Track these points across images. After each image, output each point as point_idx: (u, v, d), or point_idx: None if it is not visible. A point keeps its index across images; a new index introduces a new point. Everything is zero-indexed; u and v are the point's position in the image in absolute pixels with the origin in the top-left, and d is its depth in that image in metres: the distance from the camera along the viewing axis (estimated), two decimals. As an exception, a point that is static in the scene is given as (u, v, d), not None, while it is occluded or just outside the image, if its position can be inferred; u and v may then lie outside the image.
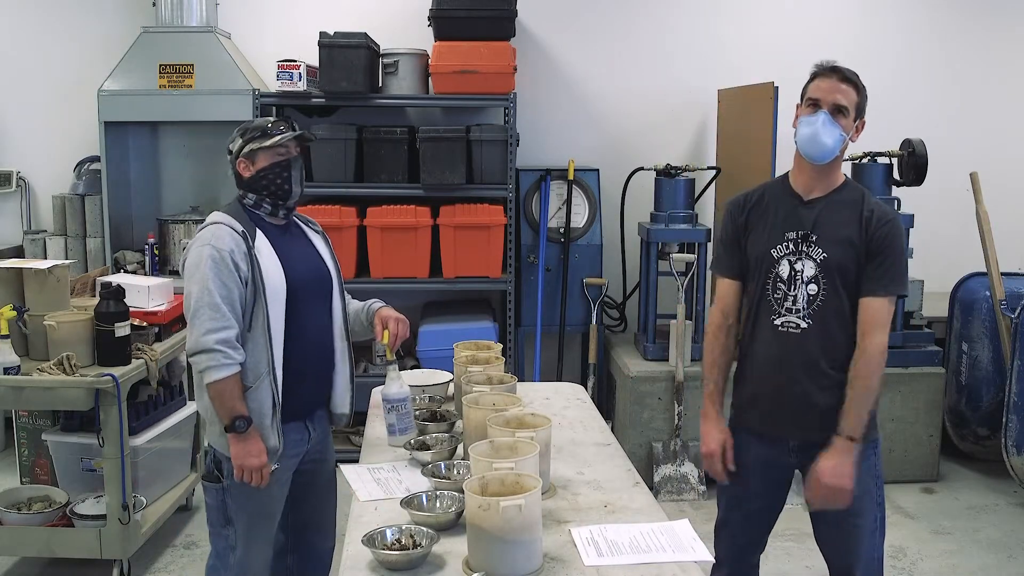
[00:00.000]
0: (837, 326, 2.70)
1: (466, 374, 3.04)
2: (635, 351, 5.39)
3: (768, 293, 2.75)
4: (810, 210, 2.72)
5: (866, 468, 2.74)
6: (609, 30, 5.87)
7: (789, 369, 2.72)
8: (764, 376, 2.78)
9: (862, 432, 2.66)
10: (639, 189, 5.58)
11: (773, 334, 2.74)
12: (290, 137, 2.79)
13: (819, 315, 2.69)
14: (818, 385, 2.70)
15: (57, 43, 5.76)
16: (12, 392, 3.57)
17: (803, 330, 2.70)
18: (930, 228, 5.41)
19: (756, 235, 2.80)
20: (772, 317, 2.74)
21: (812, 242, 2.69)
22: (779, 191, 2.80)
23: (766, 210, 2.79)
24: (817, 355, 2.70)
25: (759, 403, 2.81)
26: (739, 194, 2.93)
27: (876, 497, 2.79)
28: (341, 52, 5.07)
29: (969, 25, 6.01)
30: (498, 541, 2.03)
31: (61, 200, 5.59)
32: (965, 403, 5.30)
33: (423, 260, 5.24)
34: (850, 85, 2.71)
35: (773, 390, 2.76)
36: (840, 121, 2.68)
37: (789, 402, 2.73)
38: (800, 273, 2.70)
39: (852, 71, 2.74)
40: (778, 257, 2.73)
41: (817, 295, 2.69)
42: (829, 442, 2.67)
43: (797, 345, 2.71)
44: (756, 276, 2.78)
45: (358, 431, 5.01)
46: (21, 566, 4.09)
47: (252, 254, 2.68)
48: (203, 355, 2.60)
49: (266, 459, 2.67)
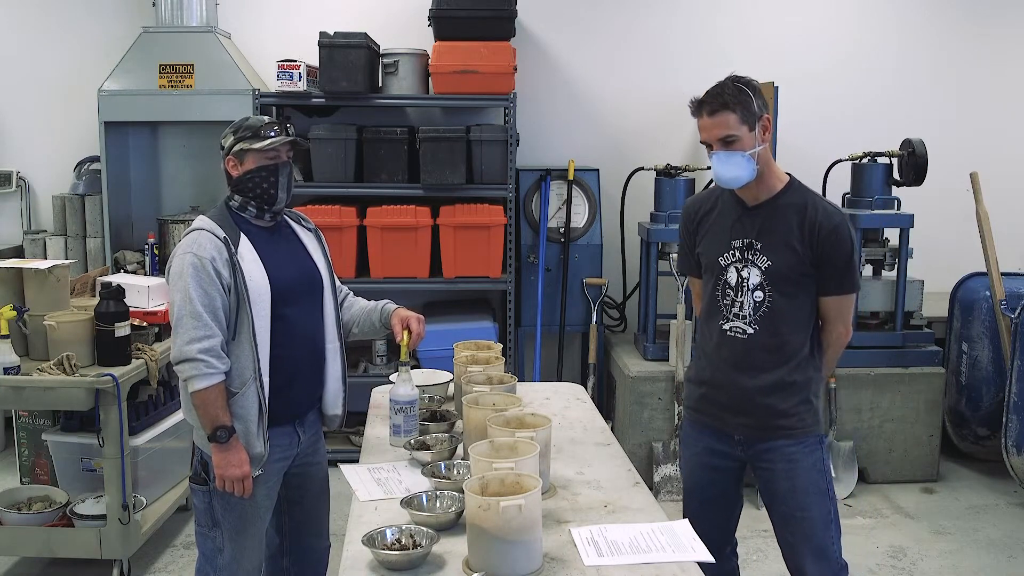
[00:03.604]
0: (784, 331, 2.77)
1: (466, 374, 3.04)
2: (635, 351, 5.39)
3: (718, 298, 2.84)
4: (754, 218, 2.77)
5: (812, 462, 2.82)
6: (609, 30, 5.88)
7: (736, 372, 2.81)
8: (713, 376, 2.89)
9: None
10: (639, 189, 5.58)
11: (722, 337, 2.83)
12: (281, 142, 2.74)
13: (765, 321, 2.76)
14: (762, 386, 2.79)
15: (57, 43, 5.76)
16: (12, 392, 3.57)
17: (749, 336, 2.78)
18: (930, 228, 5.40)
19: (706, 242, 2.88)
20: (721, 321, 2.83)
21: (757, 250, 2.75)
22: (728, 197, 2.85)
23: (717, 217, 2.86)
24: (761, 358, 2.78)
25: (708, 399, 2.92)
26: (694, 197, 3.04)
27: (826, 492, 2.85)
28: (341, 52, 5.07)
29: (969, 25, 6.01)
30: (498, 541, 2.03)
31: (61, 200, 5.59)
32: (965, 403, 5.30)
33: (423, 260, 5.25)
34: (723, 111, 2.64)
35: (721, 389, 2.87)
36: (736, 147, 2.66)
37: (735, 401, 2.84)
38: (746, 280, 2.77)
39: (721, 90, 2.66)
40: (725, 265, 2.81)
41: (763, 302, 2.76)
42: (771, 437, 2.80)
43: (743, 349, 2.79)
44: (707, 280, 2.88)
45: (358, 431, 5.01)
46: (21, 566, 4.09)
47: (234, 260, 2.63)
48: (186, 364, 2.58)
49: (248, 469, 2.65)
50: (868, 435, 5.09)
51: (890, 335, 5.11)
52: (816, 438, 2.84)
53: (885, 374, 5.07)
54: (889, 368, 5.08)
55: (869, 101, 5.91)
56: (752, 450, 2.85)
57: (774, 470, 2.83)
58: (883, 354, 5.08)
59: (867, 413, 5.07)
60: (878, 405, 5.07)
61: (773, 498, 2.88)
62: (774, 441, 2.81)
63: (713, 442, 2.92)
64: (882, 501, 4.92)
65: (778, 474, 2.82)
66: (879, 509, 4.82)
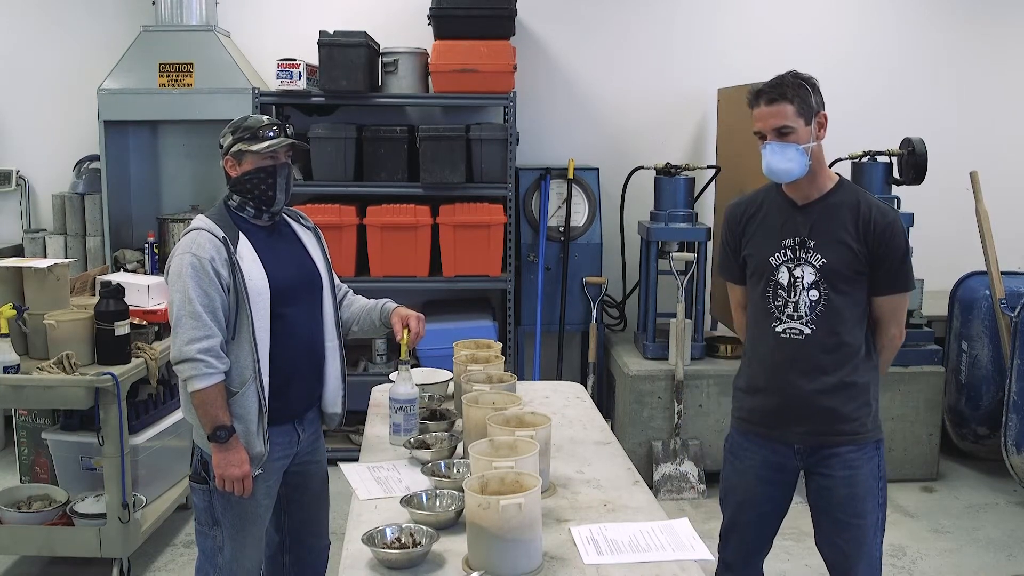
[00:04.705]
0: (842, 330, 2.70)
1: (466, 373, 3.04)
2: (635, 350, 5.39)
3: (769, 300, 2.76)
4: (806, 216, 2.72)
5: (870, 469, 2.76)
6: (609, 29, 5.87)
7: (794, 375, 2.73)
8: (768, 382, 2.79)
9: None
10: (639, 188, 5.58)
11: (776, 341, 2.75)
12: (279, 144, 2.72)
13: (822, 320, 2.69)
14: (823, 389, 2.71)
15: (57, 42, 5.76)
16: (12, 391, 3.57)
17: (806, 336, 2.71)
18: (930, 227, 5.40)
19: (754, 243, 2.81)
20: (773, 324, 2.75)
21: (810, 248, 2.70)
22: (776, 197, 2.80)
23: (764, 218, 2.80)
24: (821, 360, 2.70)
25: (764, 408, 2.81)
26: (739, 199, 2.95)
27: (879, 498, 2.80)
28: (341, 51, 5.07)
29: (969, 24, 6.01)
30: (498, 540, 2.03)
31: (61, 199, 5.59)
32: (965, 402, 5.30)
33: (423, 259, 5.25)
34: (781, 102, 2.64)
35: (778, 396, 2.77)
36: (790, 139, 2.64)
37: (794, 407, 2.74)
38: (800, 279, 2.71)
39: (781, 80, 2.67)
40: (776, 265, 2.74)
41: (819, 300, 2.69)
42: (833, 444, 2.71)
43: (801, 351, 2.71)
44: (756, 283, 2.80)
45: (358, 430, 5.01)
46: (21, 565, 4.09)
47: (233, 260, 2.63)
48: (186, 364, 2.58)
49: (248, 469, 2.65)
50: (868, 434, 5.08)
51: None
52: (875, 444, 2.78)
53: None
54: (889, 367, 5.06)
55: (869, 100, 5.91)
56: (812, 458, 2.76)
57: (834, 476, 2.75)
58: (883, 353, 5.07)
59: (867, 412, 5.06)
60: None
61: (828, 504, 2.79)
62: (836, 448, 2.73)
63: (768, 454, 2.82)
64: (882, 500, 4.92)
65: (838, 480, 2.74)
66: (879, 508, 4.82)
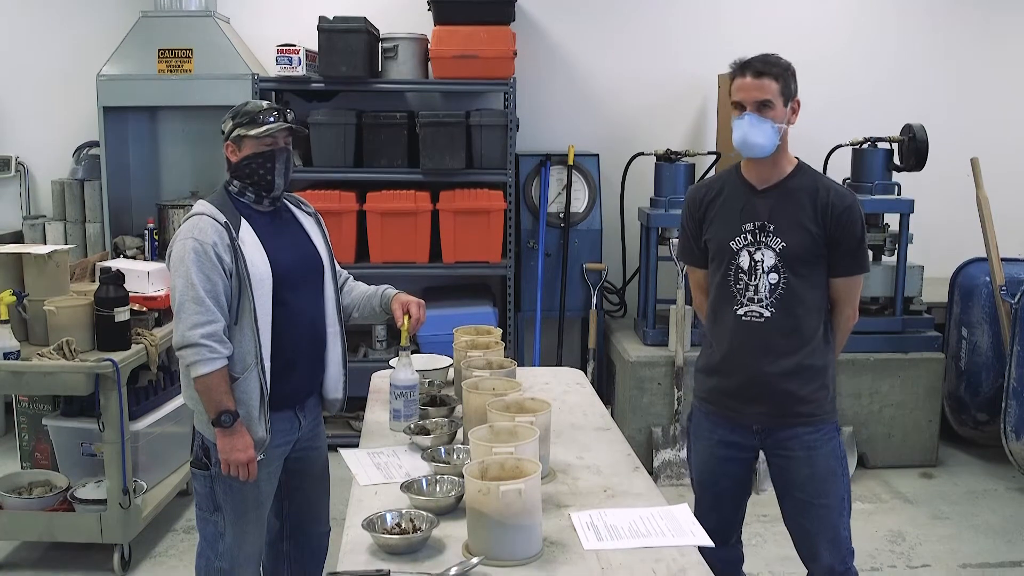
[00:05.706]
0: (800, 312, 2.75)
1: (466, 359, 3.04)
2: (635, 336, 5.40)
3: (730, 284, 2.80)
4: (766, 200, 2.77)
5: (829, 450, 2.82)
6: (610, 15, 5.85)
7: (753, 357, 2.78)
8: (728, 364, 2.84)
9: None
10: (639, 174, 5.57)
11: (736, 323, 2.80)
12: (277, 128, 2.71)
13: (781, 303, 2.74)
14: (781, 371, 2.76)
15: (56, 28, 5.74)
16: (12, 377, 3.57)
17: (766, 319, 2.76)
18: (930, 213, 5.40)
19: (715, 228, 2.85)
20: (735, 307, 2.80)
21: (770, 232, 2.74)
22: (735, 181, 2.84)
23: (724, 202, 2.84)
24: (779, 342, 2.76)
25: (724, 389, 2.87)
26: (698, 185, 3.02)
27: (842, 478, 2.86)
28: (340, 37, 5.05)
29: (970, 10, 5.98)
30: (498, 525, 2.04)
31: (60, 185, 5.58)
32: (964, 388, 5.30)
33: (423, 245, 5.24)
34: (767, 77, 2.69)
35: (737, 377, 2.83)
36: (768, 115, 2.68)
37: (753, 388, 2.81)
38: (760, 263, 2.75)
39: (767, 58, 2.73)
40: (737, 249, 2.78)
41: (778, 284, 2.74)
42: (791, 424, 2.78)
43: (760, 333, 2.77)
44: (717, 267, 2.84)
45: (358, 416, 5.02)
46: (22, 550, 4.10)
47: (235, 245, 2.63)
48: (189, 349, 2.58)
49: (253, 453, 2.65)
50: (867, 420, 5.09)
51: (890, 320, 5.11)
52: (833, 425, 2.84)
53: (885, 359, 5.07)
54: (889, 353, 5.08)
55: (870, 86, 5.89)
56: (770, 439, 2.83)
57: (792, 458, 2.81)
58: (883, 339, 5.08)
59: (867, 398, 5.08)
60: (878, 390, 5.07)
61: (789, 486, 2.86)
62: (793, 428, 2.79)
63: (727, 433, 2.89)
64: (881, 486, 4.93)
65: (796, 462, 2.81)
66: (878, 494, 4.84)
